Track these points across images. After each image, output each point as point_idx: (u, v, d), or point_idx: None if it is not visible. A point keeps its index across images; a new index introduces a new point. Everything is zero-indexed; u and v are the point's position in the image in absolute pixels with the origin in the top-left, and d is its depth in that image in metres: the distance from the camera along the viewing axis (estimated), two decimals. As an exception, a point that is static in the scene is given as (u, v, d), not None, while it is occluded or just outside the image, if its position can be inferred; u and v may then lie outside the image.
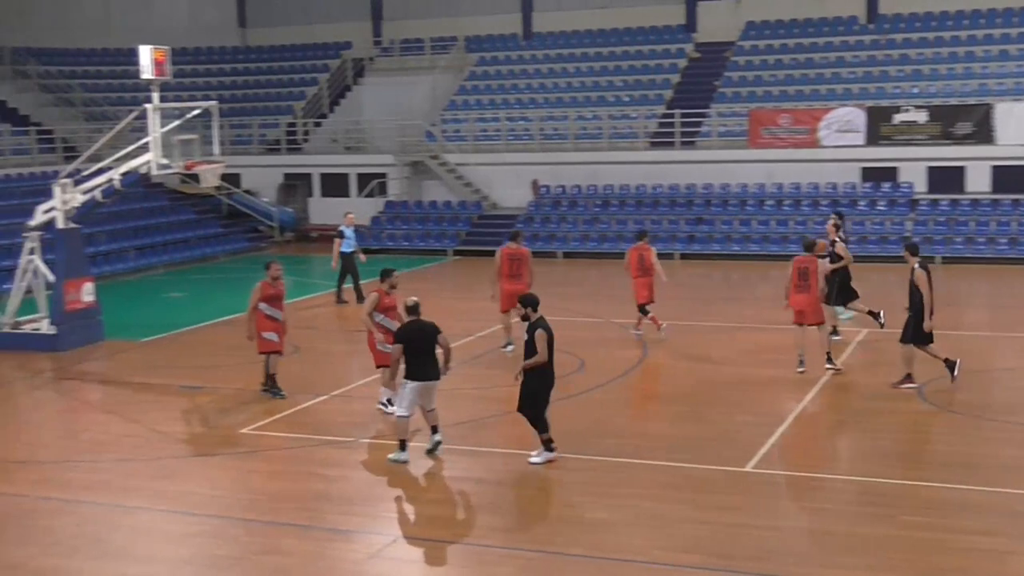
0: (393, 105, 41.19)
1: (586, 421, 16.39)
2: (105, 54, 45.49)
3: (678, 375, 18.83)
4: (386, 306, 16.43)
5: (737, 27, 41.72)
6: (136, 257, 33.14)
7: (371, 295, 16.55)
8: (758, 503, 12.95)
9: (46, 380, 20.46)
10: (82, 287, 22.77)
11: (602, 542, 11.75)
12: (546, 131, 39.18)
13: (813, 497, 13.41)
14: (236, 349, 19.57)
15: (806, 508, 13.05)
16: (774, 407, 16.88)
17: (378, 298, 16.35)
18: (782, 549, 11.57)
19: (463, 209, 37.85)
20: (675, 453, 14.70)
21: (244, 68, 47.54)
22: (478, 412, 16.92)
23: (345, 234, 26.70)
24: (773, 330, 21.35)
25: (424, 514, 13.14)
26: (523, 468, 14.28)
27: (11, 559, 11.46)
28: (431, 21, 45.64)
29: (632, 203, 36.14)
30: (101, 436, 16.44)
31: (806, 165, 34.85)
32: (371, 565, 11.61)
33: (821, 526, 12.31)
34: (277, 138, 42.67)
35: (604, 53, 42.72)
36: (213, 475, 14.53)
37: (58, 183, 22.49)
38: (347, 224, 27.08)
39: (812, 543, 11.83)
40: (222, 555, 11.86)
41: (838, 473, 14.23)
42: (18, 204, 31.99)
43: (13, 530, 12.60)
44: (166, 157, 21.48)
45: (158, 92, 21.62)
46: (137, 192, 35.33)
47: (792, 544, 11.75)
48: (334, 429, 16.37)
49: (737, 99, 38.15)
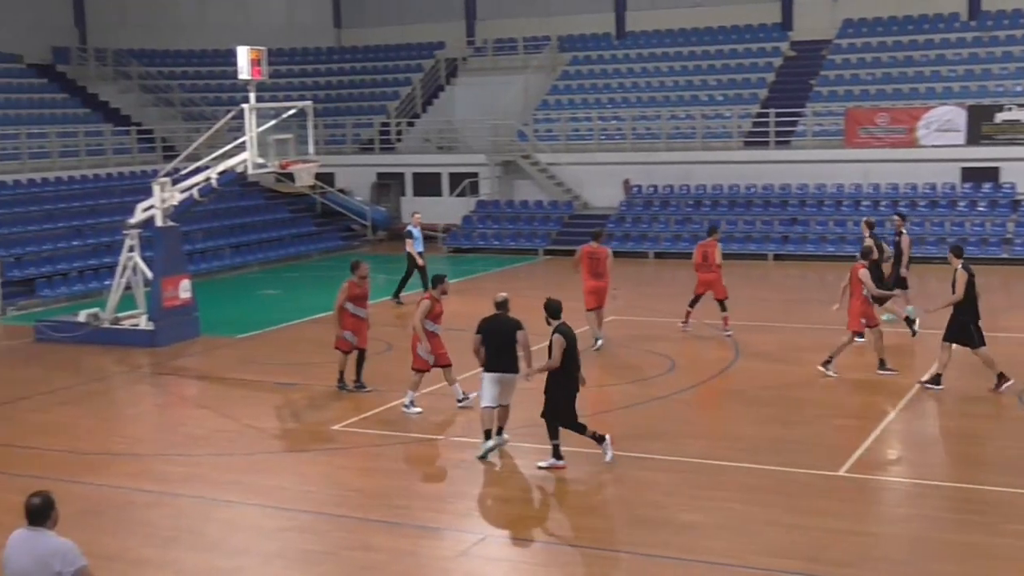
0: (485, 105, 41.29)
1: (676, 422, 16.28)
2: (203, 55, 46.28)
3: (770, 377, 18.60)
4: (437, 313, 16.76)
5: (834, 25, 41.12)
6: (232, 255, 33.65)
7: (423, 302, 16.76)
8: (851, 508, 12.74)
9: (144, 375, 20.85)
10: (179, 284, 23.15)
11: (692, 544, 11.65)
12: (638, 130, 38.99)
13: (908, 503, 13.17)
14: (328, 346, 19.74)
15: (901, 514, 12.82)
16: (869, 410, 16.62)
17: (431, 305, 16.62)
18: (875, 555, 11.36)
19: (554, 209, 37.83)
20: (767, 456, 14.53)
21: (339, 68, 48.00)
22: (568, 412, 16.85)
23: (414, 234, 26.73)
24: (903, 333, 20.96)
25: (512, 513, 13.13)
26: (612, 469, 14.21)
27: (109, 549, 11.67)
28: (524, 21, 45.66)
29: (725, 203, 35.82)
30: (196, 430, 16.71)
31: (904, 165, 34.23)
32: (459, 563, 11.64)
33: (917, 532, 12.07)
34: (371, 138, 43.04)
35: (698, 52, 42.40)
36: (304, 471, 14.69)
37: (157, 182, 22.89)
38: (414, 224, 27.09)
39: (907, 550, 11.60)
40: (312, 550, 11.97)
41: (935, 479, 13.86)
42: (119, 202, 32.70)
43: (111, 521, 12.86)
44: (262, 156, 21.76)
45: (254, 92, 21.91)
46: (233, 191, 35.92)
47: (886, 550, 11.53)
48: (424, 426, 16.45)
49: (833, 98, 37.62)
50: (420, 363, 16.83)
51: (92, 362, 21.47)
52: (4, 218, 30.58)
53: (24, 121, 36.54)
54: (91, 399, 18.84)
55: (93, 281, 28.87)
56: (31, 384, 19.75)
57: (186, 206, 23.14)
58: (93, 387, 19.69)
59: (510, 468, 14.48)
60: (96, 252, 30.52)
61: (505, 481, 14.14)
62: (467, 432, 16.16)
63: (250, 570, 11.53)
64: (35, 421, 17.34)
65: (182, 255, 24.58)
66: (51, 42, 42.99)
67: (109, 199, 33.72)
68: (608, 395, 17.52)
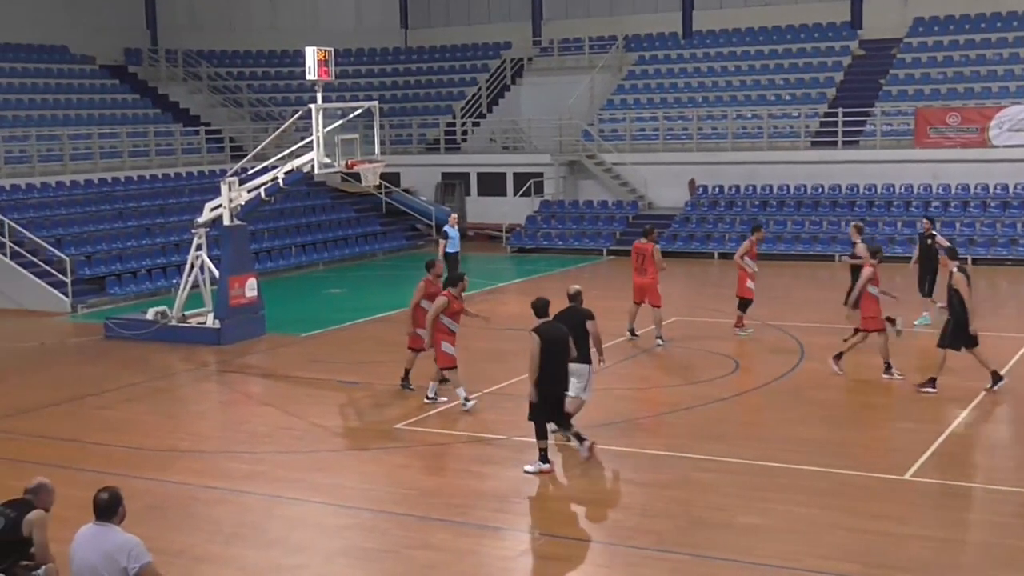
0: (551, 104, 41.26)
1: (739, 424, 16.16)
2: (272, 56, 46.73)
3: (836, 379, 18.40)
4: (454, 311, 16.91)
5: (904, 23, 40.61)
6: (297, 254, 33.92)
7: (440, 298, 16.95)
8: (916, 512, 12.58)
9: (210, 372, 21.08)
10: (246, 283, 23.36)
11: (753, 547, 11.56)
12: (704, 130, 38.78)
13: (976, 508, 12.98)
14: (393, 345, 19.85)
15: (967, 519, 12.63)
16: (936, 414, 16.37)
17: (446, 302, 16.81)
18: (940, 561, 11.21)
19: (619, 209, 37.72)
20: (830, 459, 14.37)
21: (405, 69, 48.23)
22: (629, 412, 16.83)
23: (449, 235, 26.80)
24: (935, 336, 20.68)
25: (573, 513, 13.11)
26: (673, 470, 14.16)
27: (174, 545, 11.81)
28: (591, 21, 45.58)
29: (792, 204, 35.51)
30: (260, 428, 16.86)
31: (975, 165, 33.71)
32: (520, 562, 11.65)
33: (984, 538, 11.89)
34: (436, 138, 43.20)
35: (765, 51, 42.06)
36: (367, 469, 14.77)
37: (225, 181, 23.12)
38: (451, 224, 27.24)
39: (973, 555, 11.44)
40: (373, 548, 12.04)
41: (1004, 484, 13.64)
42: (187, 202, 33.17)
43: (176, 517, 13.02)
44: (328, 156, 21.90)
45: (322, 92, 22.06)
46: (300, 190, 36.27)
47: (951, 556, 11.38)
48: (486, 426, 16.47)
49: (903, 97, 37.14)
50: (446, 360, 16.95)
51: (159, 359, 21.75)
52: (76, 217, 31.09)
53: (96, 121, 37.13)
54: (157, 396, 19.09)
55: (161, 279, 29.27)
56: (99, 381, 20.05)
57: (253, 205, 23.36)
58: (159, 384, 19.95)
59: (571, 469, 14.45)
60: (164, 251, 30.93)
61: (566, 482, 14.12)
62: (529, 432, 16.15)
63: (312, 568, 11.61)
64: (102, 417, 17.61)
65: (249, 254, 24.82)
66: (123, 44, 43.69)
67: (178, 198, 34.18)
68: (669, 396, 17.43)
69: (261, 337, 23.29)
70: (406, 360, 18.29)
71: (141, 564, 8.20)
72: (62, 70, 40.14)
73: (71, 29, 41.34)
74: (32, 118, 36.03)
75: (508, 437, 15.94)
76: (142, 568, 8.20)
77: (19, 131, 34.50)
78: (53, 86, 38.74)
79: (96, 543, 8.29)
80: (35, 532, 9.42)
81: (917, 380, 17.57)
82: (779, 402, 17.65)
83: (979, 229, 32.16)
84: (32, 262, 27.99)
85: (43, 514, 9.54)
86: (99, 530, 8.34)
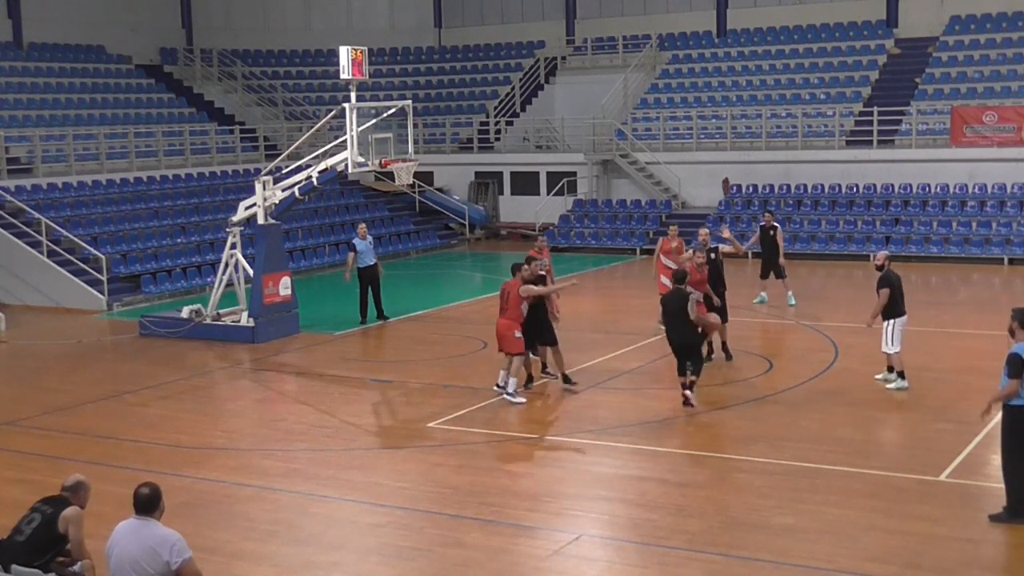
0: (584, 104, 41.23)
1: (774, 424, 16.09)
2: (307, 56, 46.94)
3: (871, 379, 18.29)
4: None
5: (941, 22, 40.33)
6: (331, 252, 34.00)
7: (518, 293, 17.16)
8: (952, 514, 12.49)
9: (244, 370, 21.18)
10: (280, 281, 23.45)
11: (788, 548, 11.51)
12: (738, 129, 38.64)
13: (1012, 510, 12.85)
14: (426, 344, 19.89)
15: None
16: (972, 414, 16.17)
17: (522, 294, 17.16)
18: (976, 562, 11.14)
19: (652, 208, 37.65)
20: (865, 459, 14.30)
21: (439, 68, 48.31)
22: (664, 411, 16.79)
23: (358, 247, 24.32)
24: (973, 336, 20.59)
25: (608, 513, 13.09)
26: (709, 470, 14.13)
27: (209, 542, 11.87)
28: (625, 19, 45.52)
29: (826, 203, 35.33)
30: (295, 426, 16.93)
31: (1013, 165, 33.42)
32: (554, 562, 11.64)
33: (1020, 540, 11.78)
34: (469, 137, 43.24)
35: (800, 50, 41.86)
36: (401, 467, 14.80)
37: (259, 180, 23.23)
38: (360, 236, 24.60)
39: (1009, 557, 11.35)
40: (407, 546, 12.06)
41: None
42: (222, 200, 33.35)
43: (211, 514, 13.09)
44: (362, 155, 21.98)
45: (355, 92, 22.14)
46: (334, 189, 36.43)
47: (987, 557, 11.30)
48: (520, 425, 16.49)
49: (939, 96, 36.89)
50: (518, 346, 16.94)
51: (194, 357, 21.89)
52: (112, 215, 31.31)
53: (132, 120, 37.42)
54: (193, 394, 19.20)
55: (196, 278, 29.44)
56: (135, 378, 20.19)
57: (287, 204, 23.45)
58: (195, 382, 20.07)
59: (606, 468, 14.44)
60: (199, 249, 31.11)
61: (600, 481, 14.10)
62: (563, 431, 16.18)
63: (346, 565, 11.66)
64: (138, 414, 17.73)
65: (283, 252, 24.91)
66: (159, 43, 44.01)
67: (213, 197, 34.37)
68: (704, 396, 17.36)
69: (295, 336, 23.37)
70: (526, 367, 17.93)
71: (183, 559, 8.27)
72: (98, 70, 40.48)
73: (107, 29, 41.72)
74: (69, 117, 36.34)
75: (541, 437, 15.94)
76: (184, 563, 8.27)
77: (56, 130, 34.81)
78: (90, 86, 39.08)
79: (137, 537, 8.35)
80: (71, 529, 9.51)
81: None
82: (814, 402, 17.54)
83: (1015, 229, 31.87)
84: (68, 260, 28.20)
85: (79, 511, 9.62)
86: (140, 524, 8.41)
